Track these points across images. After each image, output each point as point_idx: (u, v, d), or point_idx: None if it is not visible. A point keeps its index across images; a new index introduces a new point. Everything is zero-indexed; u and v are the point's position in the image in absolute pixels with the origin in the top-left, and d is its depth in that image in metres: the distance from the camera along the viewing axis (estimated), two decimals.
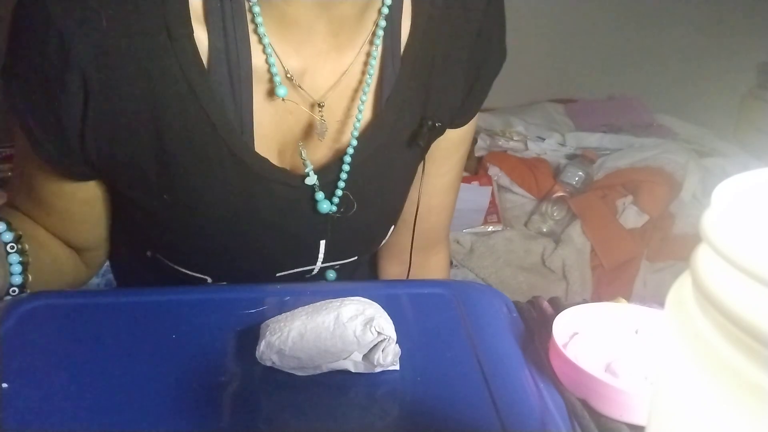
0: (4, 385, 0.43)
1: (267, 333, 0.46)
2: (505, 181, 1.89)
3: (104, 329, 0.51)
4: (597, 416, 0.43)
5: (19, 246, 0.56)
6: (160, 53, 0.50)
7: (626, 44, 2.48)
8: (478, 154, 1.97)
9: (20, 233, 0.56)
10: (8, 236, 0.55)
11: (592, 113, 2.32)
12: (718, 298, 0.19)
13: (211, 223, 0.59)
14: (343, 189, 0.60)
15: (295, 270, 0.67)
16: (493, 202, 1.82)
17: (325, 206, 0.60)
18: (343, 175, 0.60)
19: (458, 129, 0.69)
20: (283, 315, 0.48)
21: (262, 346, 0.46)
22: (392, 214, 0.69)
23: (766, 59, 2.59)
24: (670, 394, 0.23)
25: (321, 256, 0.65)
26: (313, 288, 0.61)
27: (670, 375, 0.22)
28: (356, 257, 0.69)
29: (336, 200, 0.61)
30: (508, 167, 1.90)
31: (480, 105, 0.68)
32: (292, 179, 0.59)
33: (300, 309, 0.48)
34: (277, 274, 0.66)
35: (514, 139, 2.03)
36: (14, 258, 0.55)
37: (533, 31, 2.38)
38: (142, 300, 0.55)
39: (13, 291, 0.55)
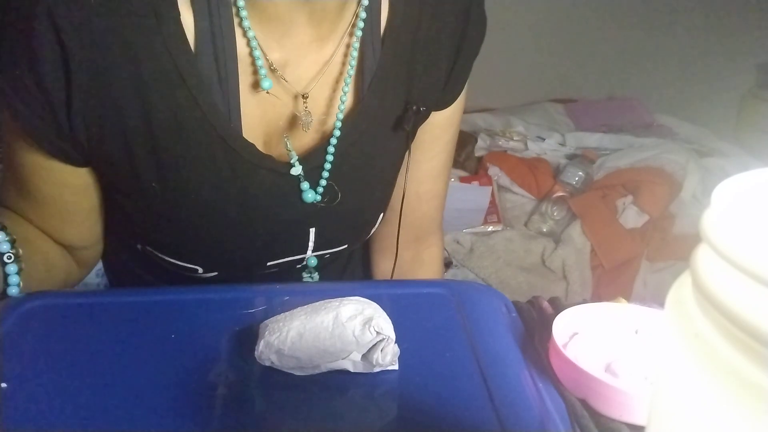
0: (4, 385, 0.43)
1: (266, 333, 0.46)
2: (505, 181, 1.89)
3: (104, 329, 0.51)
4: (597, 416, 0.43)
5: (14, 250, 0.53)
6: (147, 35, 0.51)
7: (626, 44, 2.48)
8: (478, 154, 1.97)
9: (14, 237, 0.55)
10: (6, 246, 0.53)
11: (592, 113, 2.32)
12: (718, 298, 0.19)
13: (199, 210, 0.59)
14: (327, 179, 0.61)
15: (287, 259, 0.66)
16: (493, 202, 1.82)
17: (309, 196, 0.61)
18: (327, 165, 0.61)
19: (443, 112, 0.69)
20: (282, 315, 0.48)
21: (261, 345, 0.46)
22: (380, 201, 0.70)
23: (766, 59, 2.59)
24: (670, 394, 0.23)
25: (311, 244, 0.65)
26: (312, 288, 0.61)
27: (670, 375, 0.22)
28: (347, 245, 0.69)
29: (320, 190, 0.61)
30: (508, 167, 1.90)
31: (462, 85, 0.68)
32: (279, 167, 0.59)
33: (299, 309, 0.48)
34: (268, 263, 0.66)
35: (514, 139, 2.03)
36: (12, 268, 0.53)
37: (533, 31, 2.39)
38: (142, 300, 0.55)
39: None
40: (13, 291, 0.54)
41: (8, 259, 0.53)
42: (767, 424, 0.18)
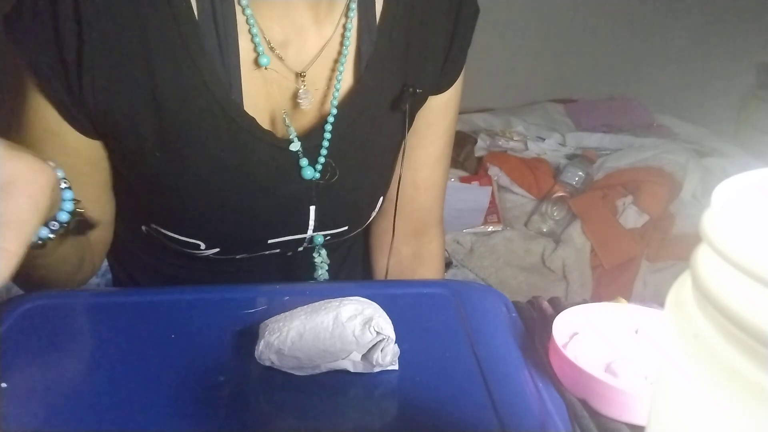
0: (4, 384, 0.43)
1: (266, 333, 0.46)
2: (505, 181, 1.89)
3: (104, 329, 0.51)
4: (597, 416, 0.43)
5: (69, 187, 0.51)
6: (156, 3, 0.53)
7: (626, 45, 2.48)
8: (478, 154, 1.97)
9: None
10: (61, 173, 0.49)
11: (592, 113, 2.32)
12: (718, 298, 0.19)
13: (200, 181, 0.60)
14: (325, 156, 0.63)
15: (287, 238, 0.68)
16: (493, 202, 1.82)
17: (308, 173, 0.62)
18: (325, 143, 0.62)
19: (440, 96, 0.71)
20: (282, 315, 0.48)
21: (261, 345, 0.46)
22: (379, 184, 0.71)
23: (766, 59, 2.59)
24: (670, 394, 0.23)
25: (312, 223, 0.66)
26: (312, 288, 0.61)
27: (670, 375, 0.22)
28: (347, 227, 0.70)
29: (319, 167, 0.63)
30: (508, 167, 1.90)
31: (459, 69, 0.70)
32: (279, 142, 0.61)
33: (299, 309, 0.48)
34: (269, 241, 0.67)
35: (514, 139, 2.03)
36: (68, 194, 0.50)
37: (533, 31, 2.39)
38: (142, 300, 0.55)
39: (53, 225, 0.50)
40: (63, 217, 0.49)
41: (65, 183, 0.50)
42: (767, 424, 0.18)
